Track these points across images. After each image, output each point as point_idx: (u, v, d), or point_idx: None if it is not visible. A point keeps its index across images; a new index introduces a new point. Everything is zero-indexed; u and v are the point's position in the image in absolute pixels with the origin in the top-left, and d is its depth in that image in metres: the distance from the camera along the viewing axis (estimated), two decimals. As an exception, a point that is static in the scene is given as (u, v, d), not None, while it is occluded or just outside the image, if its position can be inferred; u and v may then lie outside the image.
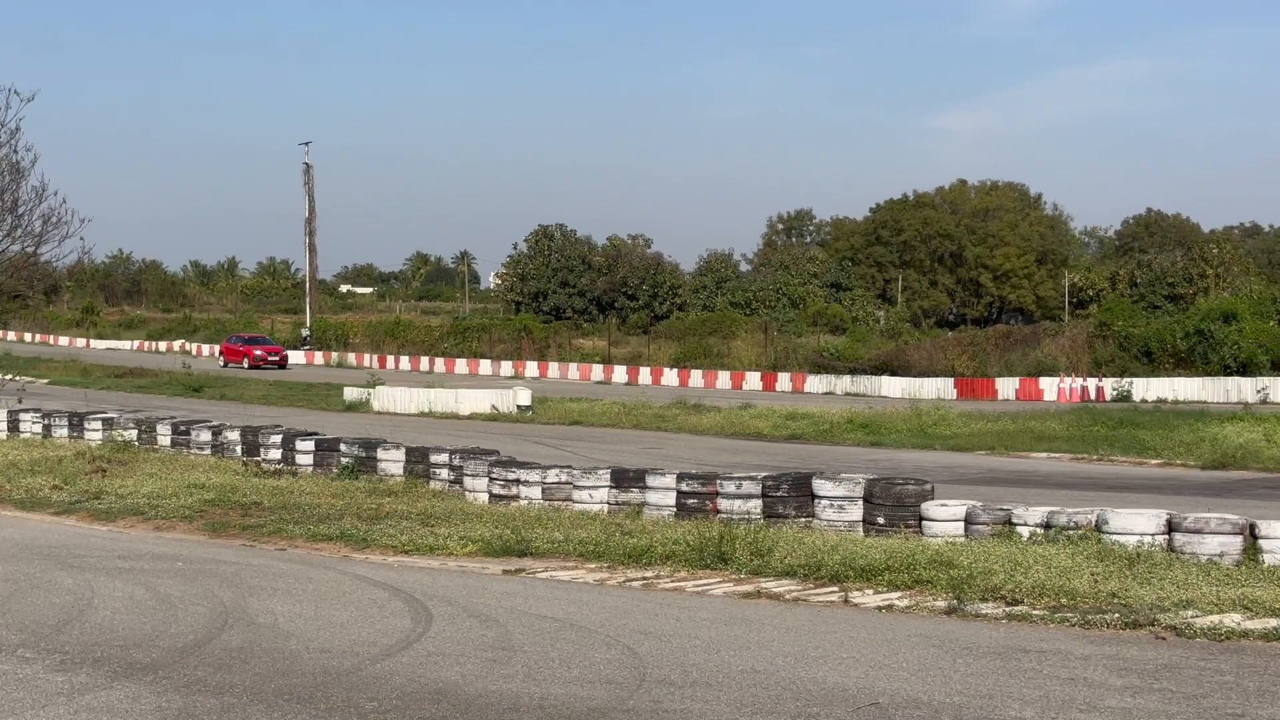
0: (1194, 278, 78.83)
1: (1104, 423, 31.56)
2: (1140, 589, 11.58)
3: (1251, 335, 51.88)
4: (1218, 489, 20.98)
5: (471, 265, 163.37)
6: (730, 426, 34.10)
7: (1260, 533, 13.43)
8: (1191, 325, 53.94)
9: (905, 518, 15.24)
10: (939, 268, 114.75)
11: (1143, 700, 8.18)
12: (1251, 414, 32.57)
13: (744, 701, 8.28)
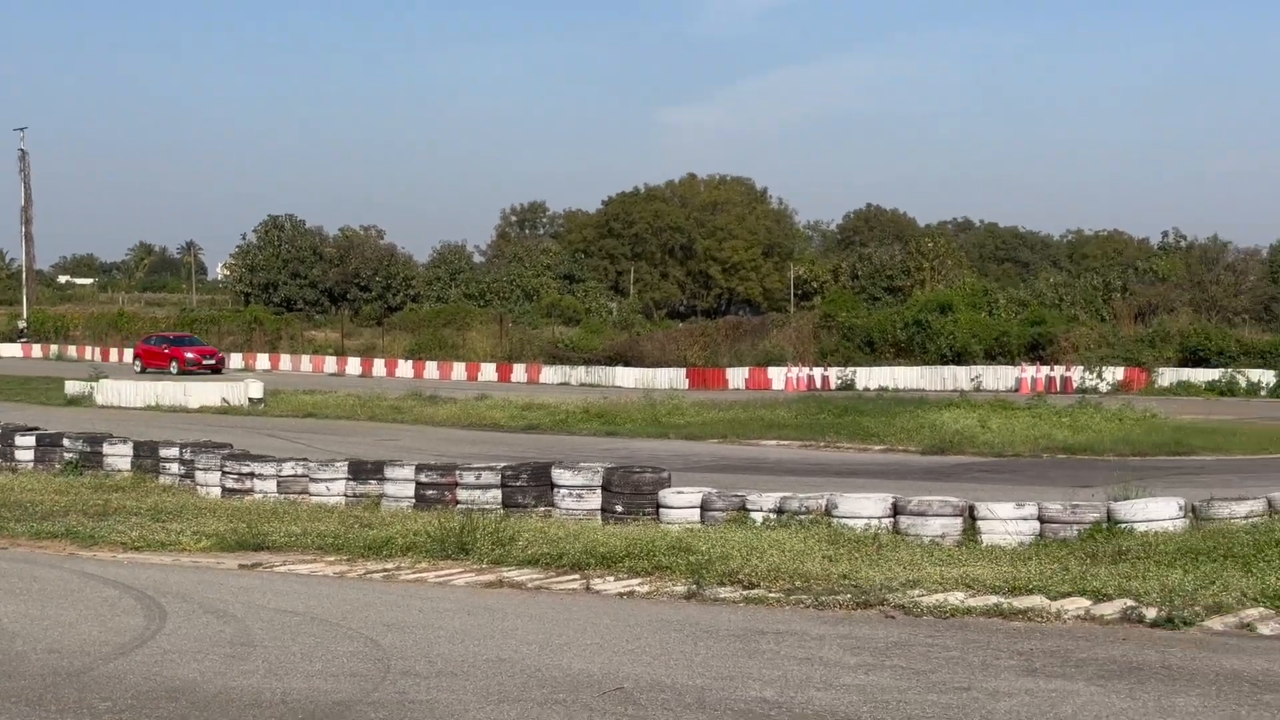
0: (911, 271, 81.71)
1: (830, 410, 32.50)
2: (870, 570, 12.00)
3: (966, 326, 54.14)
4: (938, 473, 21.83)
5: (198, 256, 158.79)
6: (467, 417, 34.00)
7: (978, 514, 14.07)
8: (910, 316, 56.02)
9: (643, 505, 15.46)
10: (670, 260, 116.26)
11: (875, 677, 8.49)
12: (967, 401, 33.99)
13: (490, 690, 8.31)
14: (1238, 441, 26.57)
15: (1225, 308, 63.99)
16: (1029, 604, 10.73)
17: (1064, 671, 8.61)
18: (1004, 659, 8.99)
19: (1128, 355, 49.63)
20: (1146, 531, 13.42)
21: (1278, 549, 12.26)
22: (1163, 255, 76.27)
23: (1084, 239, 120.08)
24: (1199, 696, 7.93)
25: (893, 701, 7.86)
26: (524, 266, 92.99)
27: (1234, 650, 9.24)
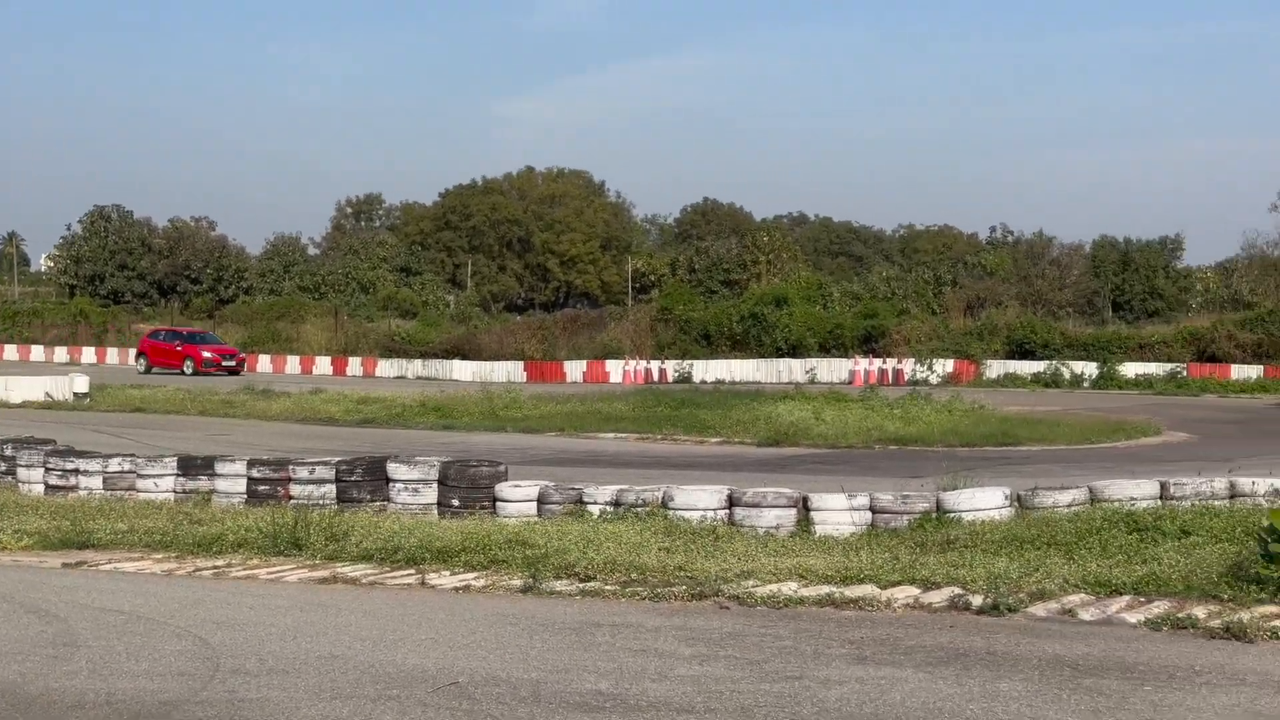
0: (748, 264, 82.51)
1: (667, 403, 32.68)
2: (705, 561, 12.09)
3: (800, 319, 54.88)
4: (773, 465, 22.08)
5: (20, 247, 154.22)
6: (301, 412, 33.55)
7: (812, 505, 14.25)
8: (746, 310, 56.62)
9: (480, 499, 15.38)
10: (508, 253, 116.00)
11: (710, 668, 8.56)
12: (802, 393, 34.44)
13: (322, 687, 8.20)
14: (1061, 432, 27.31)
15: (1050, 301, 65.83)
16: (860, 593, 10.90)
17: (893, 659, 8.76)
18: (835, 647, 9.12)
19: (957, 348, 50.75)
20: (974, 520, 13.72)
21: (1098, 536, 12.63)
22: (991, 250, 78.14)
23: (916, 234, 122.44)
24: (1022, 681, 8.13)
25: (726, 692, 7.93)
26: (360, 259, 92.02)
27: (1056, 635, 9.48)
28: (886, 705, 7.59)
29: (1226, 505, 14.27)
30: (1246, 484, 14.85)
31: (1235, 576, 10.82)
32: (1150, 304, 71.15)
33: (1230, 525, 12.75)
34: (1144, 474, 16.49)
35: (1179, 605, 10.27)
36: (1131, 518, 13.32)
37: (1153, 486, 14.74)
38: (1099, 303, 70.20)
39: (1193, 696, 7.75)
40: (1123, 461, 22.13)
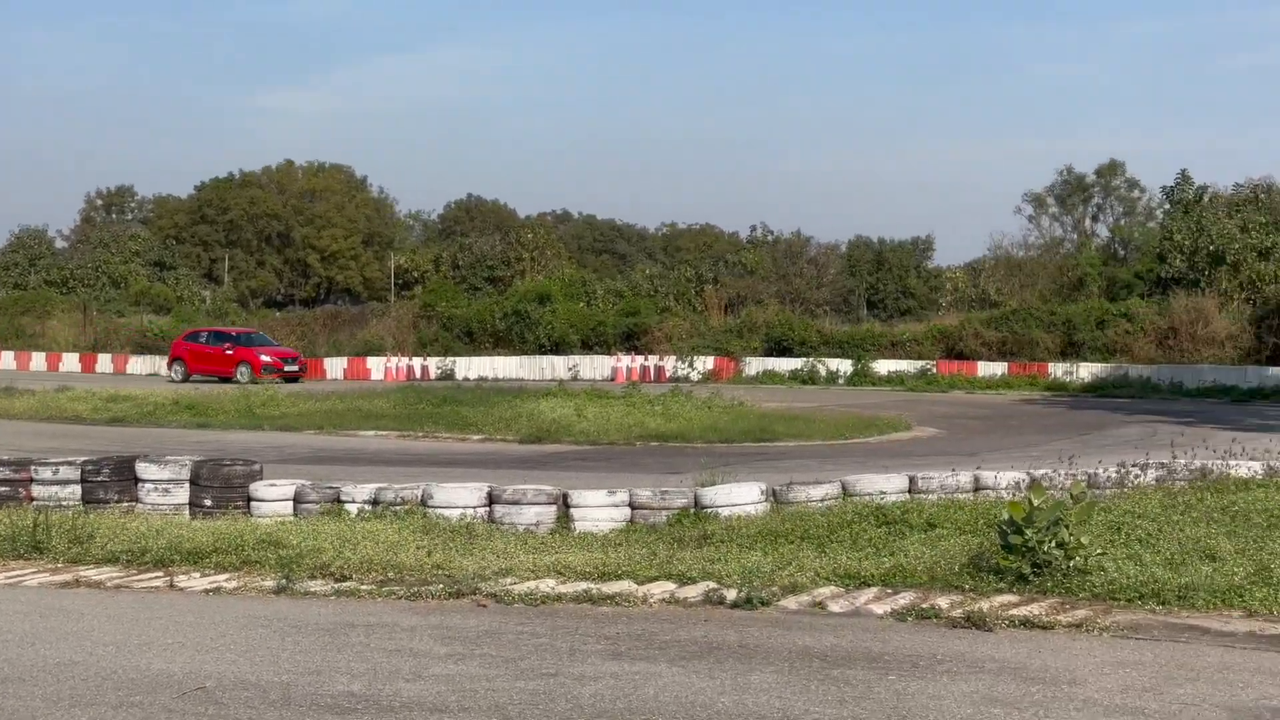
0: (511, 261, 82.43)
1: (429, 400, 32.42)
2: (463, 559, 12.02)
3: (564, 316, 55.06)
4: (535, 462, 22.07)
5: None
6: (46, 410, 32.31)
7: (572, 502, 14.30)
8: (510, 307, 56.56)
9: (234, 499, 15.03)
10: (266, 248, 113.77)
11: (465, 666, 8.51)
12: (564, 390, 34.51)
13: (60, 695, 7.91)
14: (817, 428, 27.91)
15: (808, 300, 67.33)
16: (617, 589, 10.96)
17: (648, 654, 8.84)
18: (591, 644, 9.15)
19: (718, 345, 51.51)
20: (731, 516, 13.93)
21: (849, 530, 12.96)
22: (751, 249, 79.37)
23: (678, 232, 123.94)
24: (773, 673, 8.27)
25: (481, 690, 7.89)
26: (111, 253, 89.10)
27: (807, 628, 9.68)
28: (640, 700, 7.65)
29: (971, 498, 14.80)
30: (990, 477, 15.40)
31: (977, 567, 11.21)
32: (903, 303, 73.34)
33: (974, 518, 13.22)
34: (894, 468, 16.95)
35: (924, 596, 10.59)
36: (881, 511, 13.68)
37: (902, 481, 15.19)
38: (854, 301, 72.11)
39: (934, 684, 7.99)
40: (875, 456, 22.72)
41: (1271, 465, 15.87)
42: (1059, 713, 7.36)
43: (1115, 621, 9.77)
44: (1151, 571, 10.99)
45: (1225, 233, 52.31)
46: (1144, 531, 12.51)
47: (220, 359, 47.06)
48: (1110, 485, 15.30)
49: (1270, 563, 11.12)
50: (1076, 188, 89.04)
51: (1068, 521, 11.12)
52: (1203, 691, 7.84)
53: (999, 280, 71.52)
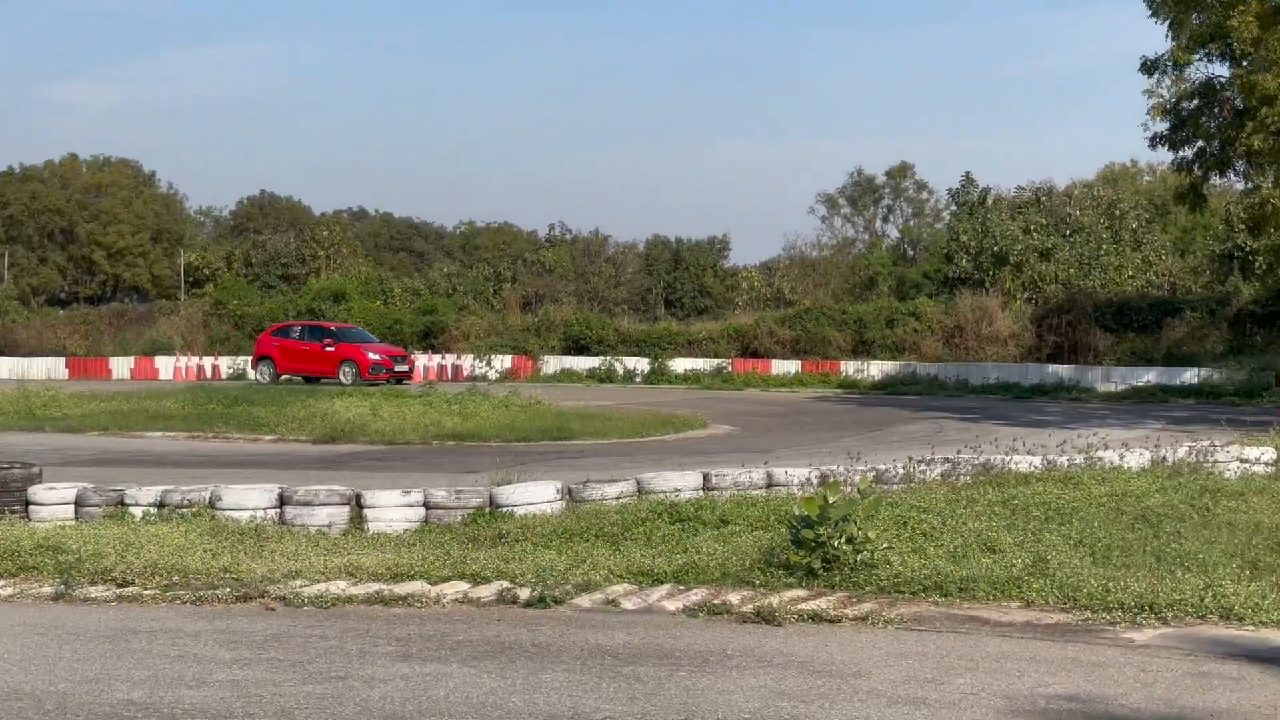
0: (306, 259, 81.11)
1: (220, 400, 31.75)
2: (252, 562, 11.79)
3: (359, 314, 54.43)
4: (329, 462, 21.77)
5: None
6: None
7: (365, 502, 14.13)
8: (303, 305, 55.77)
9: (11, 503, 14.50)
10: (49, 244, 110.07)
11: (251, 671, 8.34)
12: (360, 390, 34.13)
13: None
14: (614, 426, 28.04)
15: (606, 298, 67.56)
16: (410, 590, 10.86)
17: (439, 655, 8.77)
18: (382, 645, 9.05)
19: (515, 344, 51.44)
20: (526, 515, 13.90)
21: (644, 527, 13.03)
22: (549, 247, 79.39)
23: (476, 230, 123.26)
24: (565, 671, 8.27)
25: (267, 695, 7.74)
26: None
27: (600, 626, 9.71)
28: (430, 701, 7.58)
29: (764, 495, 14.96)
30: (782, 474, 15.61)
31: (768, 563, 11.36)
32: (700, 301, 73.97)
33: (766, 514, 13.39)
34: (690, 466, 17.08)
35: (715, 592, 10.70)
36: (675, 509, 13.78)
37: (696, 478, 15.31)
38: (652, 300, 72.53)
39: (724, 680, 8.08)
40: (671, 454, 22.89)
41: (1050, 460, 16.38)
42: (844, 705, 7.50)
43: (900, 614, 9.99)
44: (935, 565, 11.27)
45: (1008, 234, 53.93)
46: (929, 526, 12.81)
47: (320, 357, 41.40)
48: (898, 481, 15.62)
49: (1047, 554, 11.49)
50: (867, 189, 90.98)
51: (856, 517, 11.34)
52: (981, 681, 8.06)
53: (793, 280, 72.65)
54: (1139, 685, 7.96)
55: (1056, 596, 10.36)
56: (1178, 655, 8.77)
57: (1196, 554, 11.60)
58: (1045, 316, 48.57)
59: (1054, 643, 9.16)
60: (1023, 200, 60.40)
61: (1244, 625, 9.53)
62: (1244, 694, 7.78)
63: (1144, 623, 9.65)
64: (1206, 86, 28.17)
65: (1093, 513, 13.46)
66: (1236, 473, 16.28)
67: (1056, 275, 52.29)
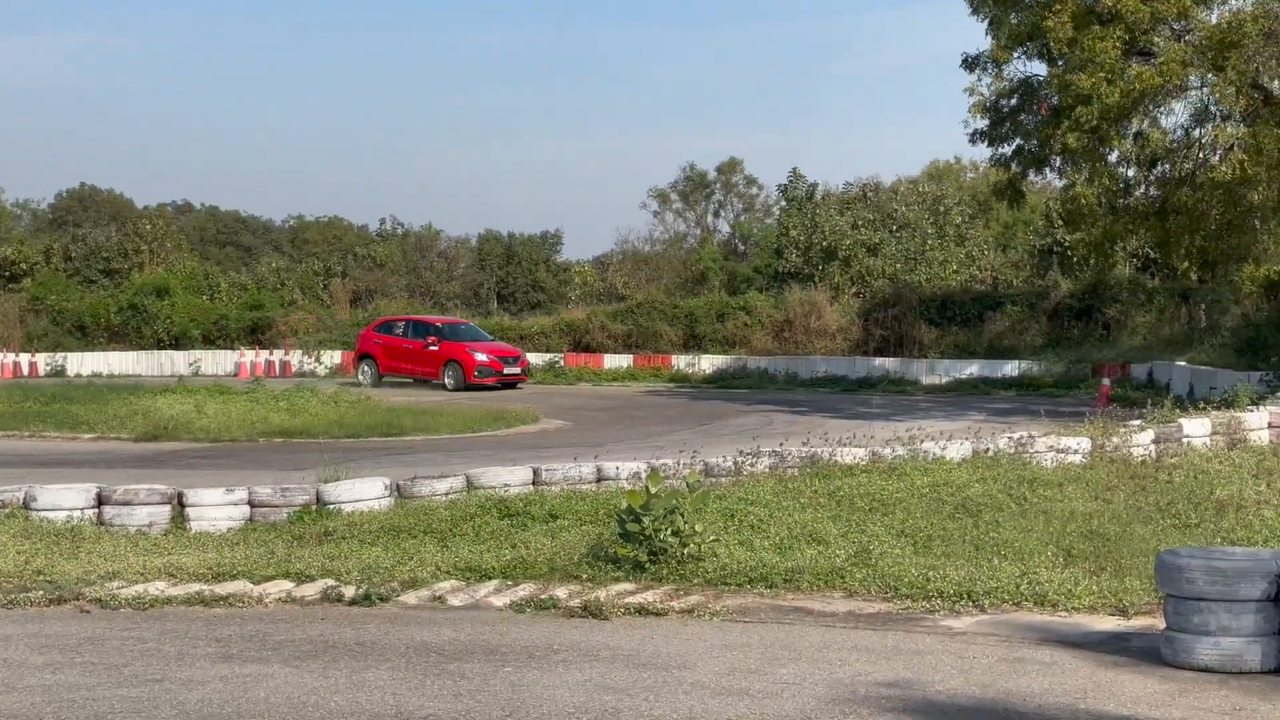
0: (129, 253, 79.25)
1: (36, 398, 30.81)
2: (67, 564, 11.49)
3: (184, 310, 53.34)
4: (152, 460, 21.27)
5: None
6: None
7: (188, 501, 13.85)
8: (125, 300, 54.45)
9: None
10: None
11: (64, 675, 8.11)
12: (184, 386, 33.37)
13: None
14: (445, 421, 27.82)
15: (438, 293, 67.12)
16: (232, 590, 10.67)
17: (261, 655, 8.62)
18: (201, 647, 8.87)
19: (346, 339, 50.82)
20: (353, 512, 13.75)
21: (472, 523, 12.98)
22: (380, 242, 78.61)
23: (305, 224, 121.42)
24: (389, 670, 8.19)
25: (80, 699, 7.53)
26: None
27: (426, 622, 9.64)
28: (250, 703, 7.45)
29: (594, 489, 15.01)
30: (612, 468, 15.65)
31: (596, 557, 11.39)
32: (533, 296, 73.83)
33: (595, 508, 13.42)
34: (521, 461, 17.05)
35: (543, 587, 10.69)
36: (504, 504, 13.76)
37: (526, 473, 15.28)
38: (484, 294, 72.25)
39: (550, 675, 8.07)
40: (503, 449, 22.80)
41: (875, 451, 16.67)
42: (668, 697, 7.54)
43: (726, 606, 10.08)
44: (762, 556, 11.40)
45: (837, 229, 54.72)
46: (756, 518, 12.96)
47: (421, 357, 38.02)
48: (727, 474, 15.76)
49: (870, 545, 11.69)
50: (699, 185, 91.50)
51: (683, 510, 11.43)
52: (804, 670, 8.16)
53: (626, 275, 72.89)
54: (956, 671, 8.13)
55: (878, 586, 10.55)
56: (994, 641, 8.98)
57: (1013, 542, 11.90)
58: (872, 311, 49.37)
59: (875, 631, 9.33)
60: (850, 196, 61.35)
61: (1057, 611, 9.80)
62: (1056, 678, 7.99)
63: (962, 610, 9.87)
64: (1025, 85, 28.87)
65: (915, 503, 13.74)
66: (1053, 463, 16.72)
67: (884, 270, 53.18)
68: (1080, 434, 17.85)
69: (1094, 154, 26.53)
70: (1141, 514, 13.41)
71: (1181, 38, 25.30)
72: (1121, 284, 45.53)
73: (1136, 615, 9.67)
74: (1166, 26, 25.68)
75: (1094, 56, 23.97)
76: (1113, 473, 15.79)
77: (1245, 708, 7.35)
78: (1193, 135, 26.64)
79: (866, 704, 7.36)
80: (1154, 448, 17.93)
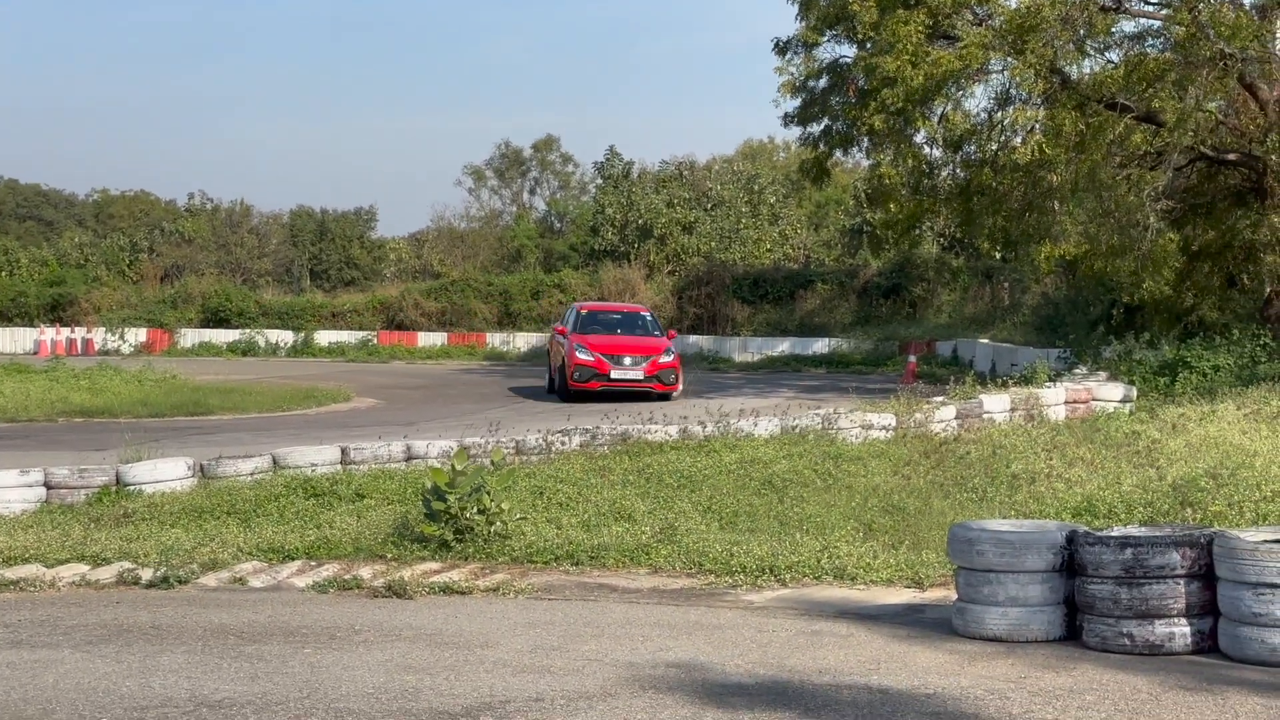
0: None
1: None
2: None
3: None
4: (-59, 442, 20.54)
5: None
6: None
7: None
8: (-81, 276, 52.53)
9: None
10: None
11: None
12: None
13: None
14: (254, 400, 27.35)
15: (250, 270, 65.87)
16: (23, 574, 10.38)
17: (51, 640, 8.40)
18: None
19: (151, 317, 49.67)
20: (155, 493, 13.50)
21: (277, 503, 12.82)
22: (189, 217, 76.81)
23: (111, 199, 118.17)
24: (185, 653, 8.04)
25: None
26: None
27: (225, 604, 9.48)
28: (38, 689, 7.24)
29: (403, 468, 14.90)
30: (422, 446, 15.55)
31: (402, 536, 11.32)
32: (347, 273, 72.81)
33: (403, 487, 13.34)
34: (330, 440, 16.85)
35: (347, 568, 10.59)
36: (311, 483, 13.61)
37: (334, 452, 15.12)
38: (297, 271, 71.07)
39: (350, 655, 8.00)
40: (312, 428, 22.47)
41: (685, 429, 16.80)
42: (470, 675, 7.52)
43: (531, 583, 10.10)
44: (569, 534, 11.45)
45: (652, 208, 54.97)
46: (565, 496, 13.00)
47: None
48: (538, 451, 15.76)
49: (677, 521, 11.80)
50: (514, 162, 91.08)
51: (490, 488, 11.41)
52: (606, 647, 8.21)
53: (442, 251, 72.33)
54: (755, 646, 8.25)
55: (683, 562, 10.67)
56: (793, 615, 9.14)
57: (816, 517, 12.13)
58: (686, 288, 49.77)
59: (678, 607, 9.42)
60: (666, 175, 61.64)
61: (855, 585, 10.01)
62: (851, 650, 8.16)
63: (764, 585, 10.02)
64: (834, 67, 29.31)
65: (723, 480, 13.90)
66: (859, 438, 17.04)
67: (698, 248, 53.59)
68: (885, 410, 18.22)
69: (900, 135, 27.03)
70: (940, 488, 13.76)
71: (983, 22, 25.88)
72: (928, 263, 46.55)
73: (931, 587, 9.92)
74: (969, 11, 26.24)
75: (898, 40, 24.38)
76: (915, 448, 16.15)
77: (1030, 676, 7.58)
78: (995, 117, 27.26)
79: (665, 680, 7.43)
80: (956, 423, 18.38)
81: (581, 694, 7.12)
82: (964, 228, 32.11)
